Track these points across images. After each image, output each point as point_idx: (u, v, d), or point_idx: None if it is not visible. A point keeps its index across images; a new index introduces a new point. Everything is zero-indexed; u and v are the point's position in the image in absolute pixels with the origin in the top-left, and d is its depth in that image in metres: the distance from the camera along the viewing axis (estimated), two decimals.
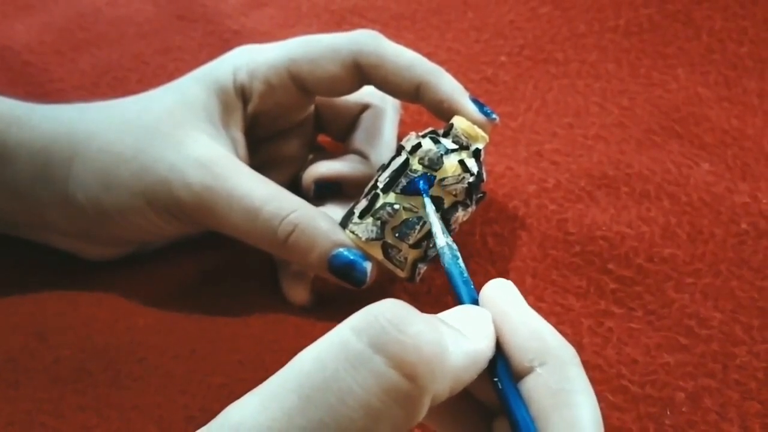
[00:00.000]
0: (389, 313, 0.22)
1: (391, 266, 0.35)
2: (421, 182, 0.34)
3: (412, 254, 0.35)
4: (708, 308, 0.37)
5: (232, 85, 0.39)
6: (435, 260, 0.39)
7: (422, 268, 0.36)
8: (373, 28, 0.39)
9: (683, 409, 0.34)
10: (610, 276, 0.39)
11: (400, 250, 0.35)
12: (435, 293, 0.39)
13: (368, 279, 0.35)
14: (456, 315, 0.25)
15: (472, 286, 0.28)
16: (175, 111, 0.38)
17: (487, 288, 0.27)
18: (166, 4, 0.58)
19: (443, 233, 0.30)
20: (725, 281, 0.38)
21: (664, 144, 0.45)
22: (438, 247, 0.30)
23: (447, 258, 0.29)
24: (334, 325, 0.38)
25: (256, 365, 0.36)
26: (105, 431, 0.34)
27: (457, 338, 0.23)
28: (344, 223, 0.36)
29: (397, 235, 0.34)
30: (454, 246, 0.30)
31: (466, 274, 0.28)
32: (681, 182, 0.42)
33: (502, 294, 0.26)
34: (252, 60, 0.39)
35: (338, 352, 0.21)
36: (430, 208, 0.33)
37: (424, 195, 0.34)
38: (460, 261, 0.29)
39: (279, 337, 0.38)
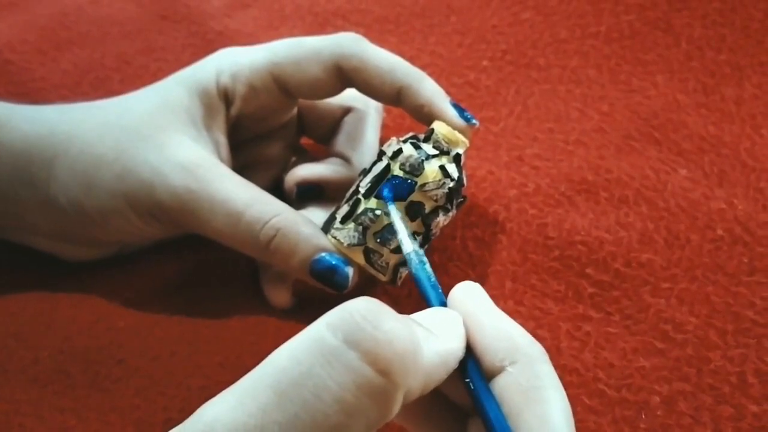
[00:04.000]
0: (364, 310, 0.22)
1: (372, 271, 0.35)
2: (385, 190, 0.34)
3: (393, 259, 0.35)
4: (684, 313, 0.38)
5: (215, 87, 0.39)
6: None
7: (403, 272, 0.36)
8: (356, 31, 0.39)
9: (658, 413, 0.34)
10: (588, 280, 0.39)
11: (382, 255, 0.35)
12: (416, 296, 0.39)
13: (350, 284, 0.36)
14: (427, 316, 0.26)
15: (440, 291, 0.28)
16: (157, 113, 0.37)
17: (456, 291, 0.27)
18: (150, 3, 0.58)
19: (410, 239, 0.31)
20: (701, 286, 0.39)
21: (642, 150, 0.45)
22: (405, 253, 0.31)
23: (414, 264, 0.30)
24: None
25: (236, 367, 0.36)
26: None
27: (428, 337, 0.24)
28: (326, 228, 0.36)
29: (378, 240, 0.35)
30: (421, 251, 0.30)
31: (433, 279, 0.29)
32: (659, 188, 0.43)
33: (470, 296, 0.27)
34: (235, 62, 0.39)
35: (313, 347, 0.21)
36: (395, 214, 0.33)
37: (389, 202, 0.34)
38: (427, 266, 0.29)
39: (259, 339, 0.38)
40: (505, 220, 0.42)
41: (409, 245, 0.31)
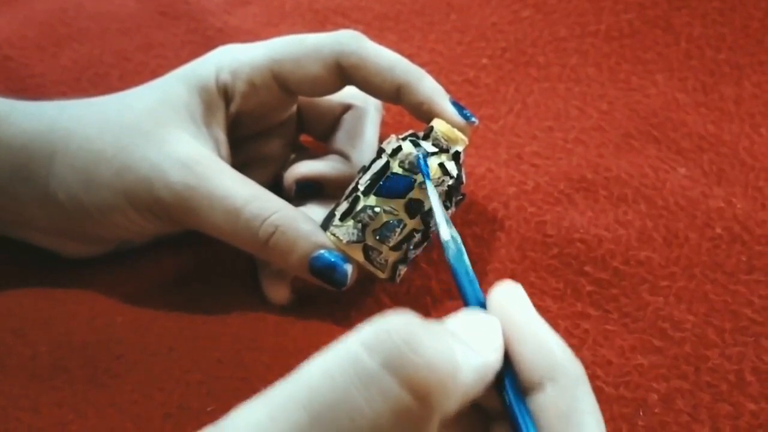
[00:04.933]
0: (403, 332, 0.21)
1: (371, 268, 0.35)
2: (423, 164, 0.34)
3: (392, 256, 0.35)
4: (682, 311, 0.38)
5: (215, 84, 0.39)
6: (414, 261, 0.39)
7: (402, 269, 0.36)
8: (356, 29, 0.39)
9: (656, 411, 0.34)
10: (586, 278, 0.39)
11: (381, 252, 0.35)
12: (414, 293, 0.40)
13: (349, 281, 0.36)
14: (464, 322, 0.25)
15: (478, 286, 0.27)
16: (156, 110, 0.37)
17: (496, 292, 0.26)
18: (149, 0, 0.58)
19: (448, 225, 0.29)
20: (699, 285, 0.39)
21: (641, 148, 0.45)
22: (442, 240, 0.28)
23: (452, 253, 0.28)
24: (314, 325, 0.38)
25: (234, 363, 0.36)
26: (81, 428, 0.34)
27: (466, 353, 0.23)
28: (325, 225, 0.36)
29: (377, 237, 0.35)
30: (459, 239, 0.28)
31: (471, 272, 0.27)
32: (658, 186, 0.43)
33: (510, 300, 0.26)
34: (235, 59, 0.39)
35: (349, 369, 0.21)
36: (433, 194, 0.32)
37: (427, 180, 0.33)
38: (465, 257, 0.28)
39: (258, 335, 0.38)
40: (504, 217, 0.42)
41: (446, 231, 0.28)
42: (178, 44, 0.54)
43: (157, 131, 0.37)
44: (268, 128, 0.42)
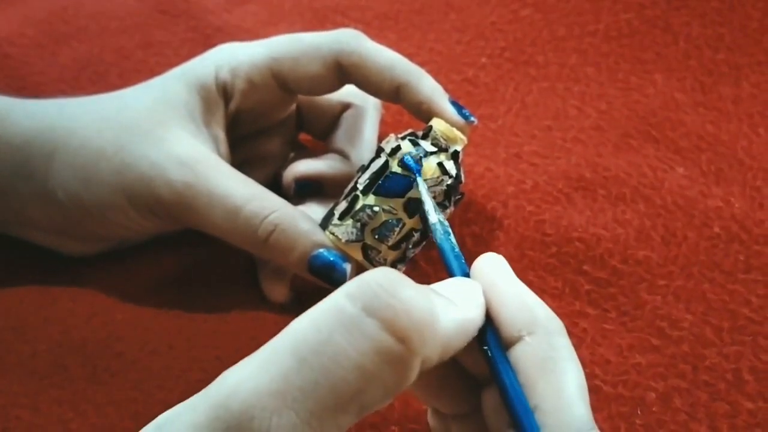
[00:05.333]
0: (382, 279, 0.22)
1: (370, 267, 0.35)
2: (412, 161, 0.34)
3: (391, 255, 0.35)
4: (680, 310, 0.38)
5: (214, 83, 0.39)
6: (413, 260, 0.39)
7: (401, 268, 0.36)
8: (355, 27, 0.40)
9: (654, 409, 0.34)
10: (585, 277, 0.39)
11: (380, 252, 0.35)
12: None
13: (348, 280, 0.36)
14: (447, 285, 0.26)
15: (464, 261, 0.29)
16: (156, 108, 0.38)
17: (479, 261, 0.28)
18: None
19: (435, 211, 0.32)
20: (697, 284, 0.39)
21: (640, 148, 0.45)
22: (430, 223, 0.31)
23: (439, 234, 0.30)
24: None
25: (234, 361, 0.36)
26: (81, 426, 0.34)
27: (447, 306, 0.24)
28: (324, 224, 0.36)
29: (376, 236, 0.35)
30: (446, 222, 0.31)
31: (457, 249, 0.29)
32: (656, 186, 0.43)
33: (492, 267, 0.27)
34: (234, 58, 0.39)
35: (333, 316, 0.22)
36: (422, 186, 0.34)
37: (417, 174, 0.34)
38: (452, 237, 0.30)
39: (257, 333, 0.38)
40: (503, 216, 0.42)
41: (434, 216, 0.31)
42: (178, 42, 0.54)
43: (157, 130, 0.37)
44: (267, 127, 0.42)
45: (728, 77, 0.49)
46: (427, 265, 0.40)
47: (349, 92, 0.42)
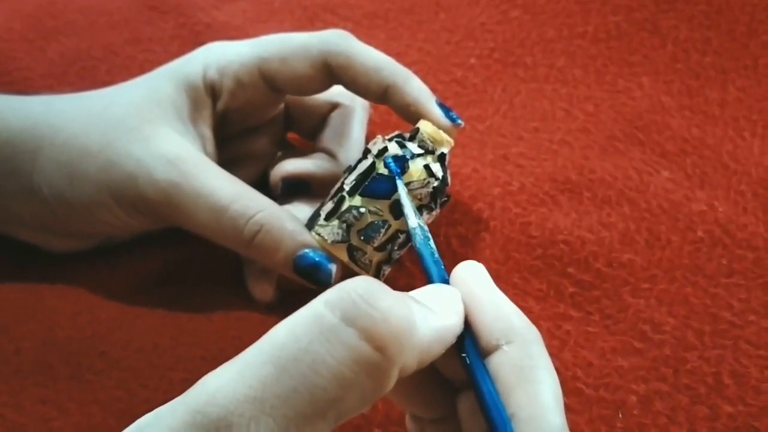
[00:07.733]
0: (361, 289, 0.23)
1: (356, 268, 0.36)
2: (393, 164, 0.34)
3: (376, 257, 0.35)
4: (662, 313, 0.38)
5: (202, 81, 0.39)
6: (399, 261, 0.39)
7: (386, 269, 0.36)
8: (345, 26, 0.40)
9: (634, 412, 0.35)
10: (569, 280, 0.39)
11: (365, 253, 0.35)
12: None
13: (333, 280, 0.36)
14: (426, 293, 0.26)
15: (443, 267, 0.29)
16: (143, 106, 0.37)
17: (459, 269, 0.28)
18: None
19: (415, 215, 0.32)
20: (680, 287, 0.39)
21: (626, 151, 0.46)
22: (410, 228, 0.31)
23: (418, 239, 0.30)
24: None
25: (218, 361, 0.36)
26: (64, 424, 0.34)
27: (426, 314, 0.24)
28: (310, 225, 0.36)
29: (362, 237, 0.35)
30: (425, 227, 0.31)
31: (436, 255, 0.29)
32: (641, 189, 0.43)
33: (472, 275, 0.27)
34: (222, 57, 0.39)
35: (312, 325, 0.22)
36: (402, 190, 0.34)
37: (397, 177, 0.34)
38: (431, 242, 0.30)
39: (242, 333, 0.38)
40: (489, 218, 0.42)
41: (414, 220, 0.31)
42: (167, 39, 0.54)
43: (143, 128, 0.37)
44: (255, 126, 0.42)
45: (715, 81, 0.50)
46: (413, 266, 0.41)
47: (337, 92, 0.42)
